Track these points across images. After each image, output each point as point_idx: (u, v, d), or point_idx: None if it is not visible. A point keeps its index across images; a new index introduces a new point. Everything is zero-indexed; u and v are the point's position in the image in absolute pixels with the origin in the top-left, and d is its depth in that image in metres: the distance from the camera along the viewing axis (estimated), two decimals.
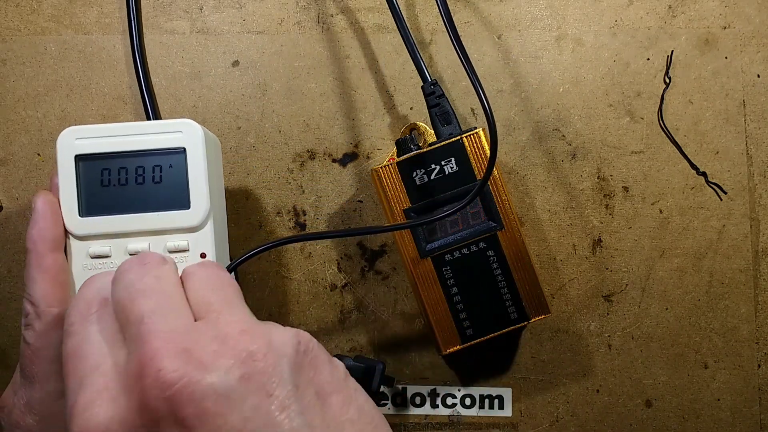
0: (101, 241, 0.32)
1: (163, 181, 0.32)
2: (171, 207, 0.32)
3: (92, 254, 0.32)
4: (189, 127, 0.32)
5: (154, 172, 0.32)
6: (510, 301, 0.36)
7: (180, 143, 0.32)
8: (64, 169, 0.31)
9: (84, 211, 0.32)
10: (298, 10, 0.41)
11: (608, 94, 0.41)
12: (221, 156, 0.36)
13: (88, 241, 0.32)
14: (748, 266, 0.41)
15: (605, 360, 0.40)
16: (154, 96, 0.39)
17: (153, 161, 0.32)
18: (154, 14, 0.41)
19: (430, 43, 0.41)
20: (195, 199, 0.32)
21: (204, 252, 0.32)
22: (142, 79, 0.38)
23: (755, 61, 0.41)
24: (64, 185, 0.31)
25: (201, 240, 0.32)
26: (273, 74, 0.41)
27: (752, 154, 0.41)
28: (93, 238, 0.32)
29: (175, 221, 0.32)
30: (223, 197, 0.36)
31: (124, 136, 0.32)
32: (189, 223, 0.32)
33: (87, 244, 0.32)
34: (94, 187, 0.32)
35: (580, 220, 0.41)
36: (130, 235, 0.32)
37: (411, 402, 0.40)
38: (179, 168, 0.32)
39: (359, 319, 0.40)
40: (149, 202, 0.32)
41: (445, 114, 0.36)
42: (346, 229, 0.39)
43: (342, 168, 0.41)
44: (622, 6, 0.41)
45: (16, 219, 0.40)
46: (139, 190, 0.32)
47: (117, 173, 0.32)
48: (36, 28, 0.40)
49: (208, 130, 0.33)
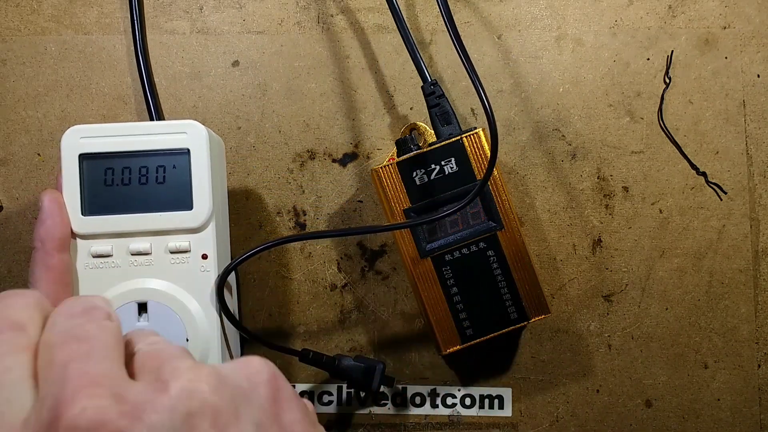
0: (103, 241, 0.32)
1: (166, 182, 0.32)
2: (173, 208, 0.32)
3: (94, 253, 0.32)
4: (193, 128, 0.32)
5: (157, 172, 0.32)
6: (510, 301, 0.36)
7: (184, 144, 0.32)
8: (68, 168, 0.31)
9: (87, 209, 0.32)
10: (298, 10, 0.41)
11: (608, 94, 0.41)
12: (225, 157, 0.36)
13: (90, 240, 0.32)
14: (748, 266, 0.41)
15: (605, 360, 0.40)
16: (157, 96, 0.39)
17: (157, 161, 0.32)
18: (154, 14, 0.41)
19: (430, 43, 0.41)
20: (198, 201, 0.32)
21: (205, 253, 0.32)
22: (145, 80, 0.38)
23: (755, 61, 0.41)
24: (67, 184, 0.31)
25: (203, 241, 0.32)
26: (273, 74, 0.41)
27: (752, 154, 0.41)
28: (95, 237, 0.32)
29: (177, 222, 0.32)
30: (225, 199, 0.36)
31: (129, 136, 0.32)
32: (191, 224, 0.32)
33: (89, 243, 0.32)
34: (97, 186, 0.32)
35: (580, 220, 0.41)
36: (132, 235, 0.32)
37: (411, 402, 0.40)
38: (183, 169, 0.32)
39: (359, 319, 0.40)
40: (152, 203, 0.32)
41: (445, 114, 0.36)
42: (346, 229, 0.39)
43: (342, 168, 0.41)
44: (622, 6, 0.41)
45: (16, 219, 0.40)
46: (142, 190, 0.32)
47: (120, 173, 0.32)
48: (36, 28, 0.40)
49: (212, 132, 0.33)
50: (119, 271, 0.32)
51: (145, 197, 0.32)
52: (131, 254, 0.32)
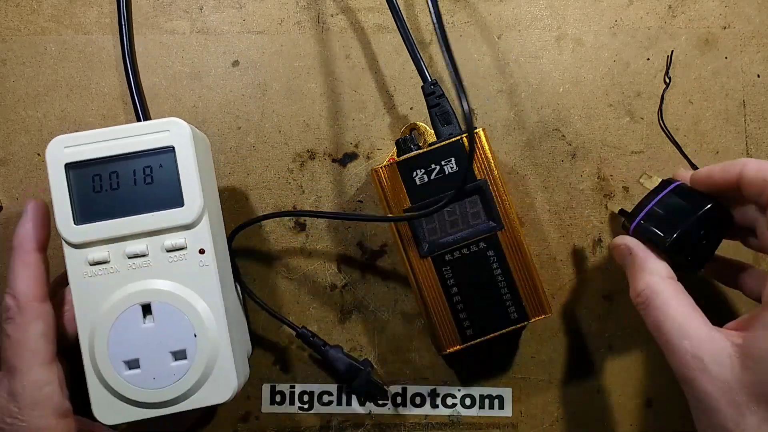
0: (99, 247, 0.32)
1: (154, 181, 0.32)
2: (165, 206, 0.32)
3: (91, 261, 0.31)
4: (175, 125, 0.32)
5: (145, 173, 0.32)
6: (510, 301, 0.36)
7: (168, 142, 0.32)
8: (56, 179, 0.31)
9: (79, 218, 0.31)
10: (298, 10, 0.41)
11: (608, 94, 0.41)
12: (210, 153, 0.36)
13: (85, 248, 0.32)
14: None
15: (605, 360, 0.40)
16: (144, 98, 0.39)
17: (143, 162, 0.32)
18: (154, 14, 0.41)
19: (430, 43, 0.41)
20: (188, 196, 0.32)
21: (202, 248, 0.32)
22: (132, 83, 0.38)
23: (755, 61, 0.41)
24: (56, 195, 0.31)
25: (198, 236, 0.32)
26: (273, 74, 0.41)
27: (752, 154, 0.41)
28: (90, 245, 0.32)
29: (170, 220, 0.31)
30: (216, 193, 0.36)
31: (112, 140, 0.32)
32: (184, 220, 0.32)
33: (85, 252, 0.32)
34: (86, 193, 0.32)
35: (580, 220, 0.41)
36: (127, 239, 0.32)
37: (411, 402, 0.40)
38: (169, 167, 0.32)
39: (359, 319, 0.40)
40: (143, 204, 0.32)
41: (445, 114, 0.36)
42: (343, 213, 0.40)
43: (342, 168, 0.41)
44: (622, 6, 0.41)
45: (16, 219, 0.40)
46: (131, 192, 0.32)
47: (108, 178, 0.32)
48: (36, 28, 0.40)
49: (196, 128, 0.33)
50: (118, 276, 0.32)
51: (135, 199, 0.32)
52: (128, 257, 0.32)
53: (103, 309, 0.31)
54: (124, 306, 0.31)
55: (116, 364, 0.31)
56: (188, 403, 0.32)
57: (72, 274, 0.32)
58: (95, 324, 0.31)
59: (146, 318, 0.32)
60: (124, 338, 0.31)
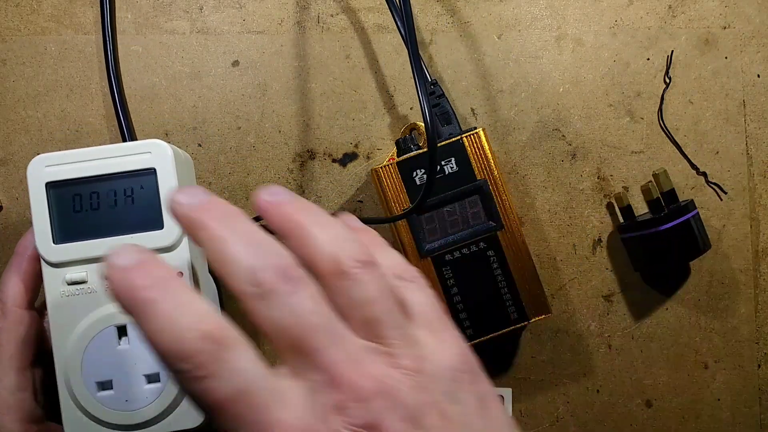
0: (77, 267, 0.31)
1: (135, 203, 0.32)
2: (145, 228, 0.31)
3: (69, 281, 0.31)
4: (157, 147, 0.32)
5: (125, 194, 0.32)
6: (510, 301, 0.36)
7: (149, 164, 0.31)
8: (36, 198, 0.31)
9: (58, 237, 0.31)
10: (298, 10, 0.41)
11: (608, 94, 0.41)
12: (194, 172, 0.36)
13: (64, 267, 0.31)
14: (748, 266, 0.41)
15: (605, 360, 0.40)
16: (129, 116, 0.39)
17: (124, 184, 0.32)
18: (154, 14, 0.41)
19: (430, 43, 0.41)
20: (168, 219, 0.31)
21: (180, 271, 0.32)
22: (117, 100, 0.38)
23: (755, 61, 0.41)
24: (36, 213, 0.31)
25: (177, 259, 0.32)
26: (273, 74, 0.41)
27: (752, 154, 0.41)
28: (68, 264, 0.31)
29: (149, 242, 0.31)
30: None
31: (94, 161, 0.31)
32: (163, 243, 0.31)
33: (63, 271, 0.31)
34: (66, 213, 0.31)
35: (580, 220, 0.41)
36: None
37: None
38: (150, 188, 0.32)
39: None
40: (123, 225, 0.31)
41: (445, 114, 0.36)
42: None
43: (342, 168, 0.41)
44: (622, 6, 0.41)
45: (16, 219, 0.40)
46: (111, 213, 0.32)
47: (89, 198, 0.32)
48: (36, 28, 0.40)
49: (178, 149, 0.33)
50: (95, 296, 0.31)
51: (115, 220, 0.31)
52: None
53: (79, 329, 0.31)
54: (100, 327, 0.31)
55: (89, 385, 0.30)
56: (160, 427, 0.31)
57: (49, 292, 0.31)
58: (70, 343, 0.31)
59: (122, 339, 0.31)
60: (98, 359, 0.31)
